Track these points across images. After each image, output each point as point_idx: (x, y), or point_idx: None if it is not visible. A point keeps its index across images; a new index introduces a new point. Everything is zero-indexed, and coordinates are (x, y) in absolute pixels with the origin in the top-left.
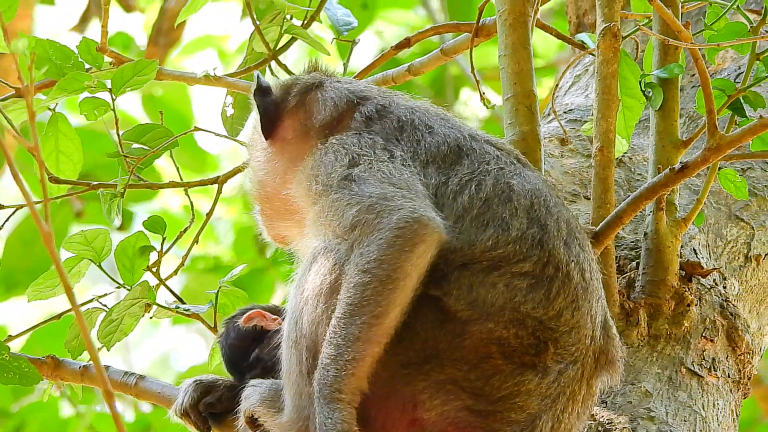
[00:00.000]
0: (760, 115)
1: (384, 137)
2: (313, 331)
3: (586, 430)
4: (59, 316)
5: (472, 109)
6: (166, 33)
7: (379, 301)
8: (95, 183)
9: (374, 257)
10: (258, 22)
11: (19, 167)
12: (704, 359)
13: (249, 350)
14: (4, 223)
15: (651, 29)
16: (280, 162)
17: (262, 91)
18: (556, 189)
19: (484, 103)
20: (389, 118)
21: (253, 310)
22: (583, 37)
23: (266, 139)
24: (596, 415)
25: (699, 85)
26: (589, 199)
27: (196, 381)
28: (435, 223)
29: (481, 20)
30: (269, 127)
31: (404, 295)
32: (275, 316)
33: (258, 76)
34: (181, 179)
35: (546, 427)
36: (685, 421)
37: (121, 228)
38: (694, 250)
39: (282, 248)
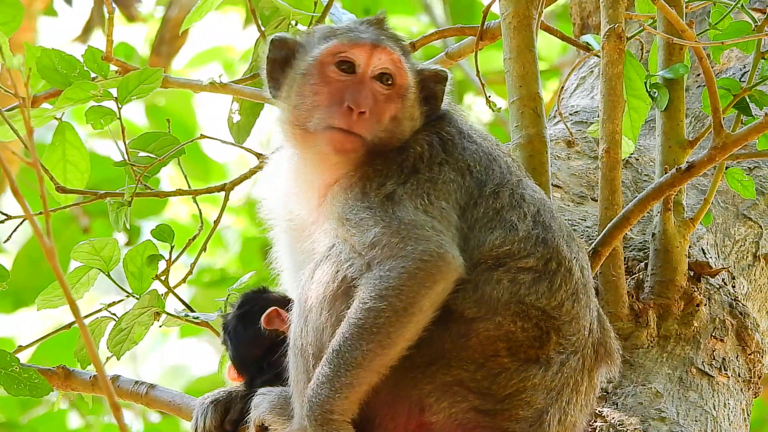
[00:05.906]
0: (766, 114)
1: (441, 160)
2: (318, 339)
3: (597, 431)
4: (69, 326)
5: (477, 113)
6: (168, 42)
7: (390, 332)
8: (102, 192)
9: (394, 285)
10: (263, 28)
11: (28, 179)
12: (714, 359)
13: (260, 358)
14: (10, 236)
15: (655, 29)
16: None
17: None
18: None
19: (490, 107)
20: (460, 141)
21: (271, 309)
22: (588, 38)
23: None
24: (607, 416)
25: (704, 85)
26: (596, 200)
27: (213, 402)
28: (458, 262)
29: (486, 23)
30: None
31: (415, 330)
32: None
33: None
34: (189, 187)
35: (554, 420)
36: (696, 421)
37: (128, 243)
38: (703, 249)
39: None
